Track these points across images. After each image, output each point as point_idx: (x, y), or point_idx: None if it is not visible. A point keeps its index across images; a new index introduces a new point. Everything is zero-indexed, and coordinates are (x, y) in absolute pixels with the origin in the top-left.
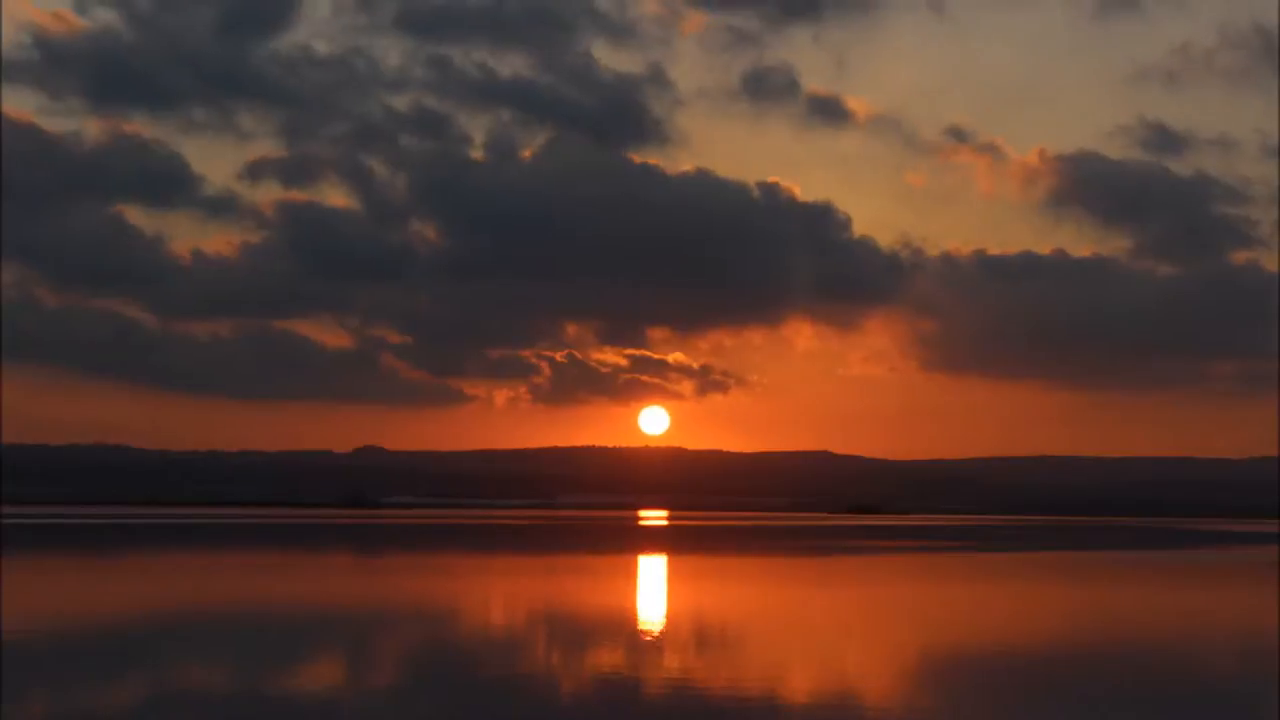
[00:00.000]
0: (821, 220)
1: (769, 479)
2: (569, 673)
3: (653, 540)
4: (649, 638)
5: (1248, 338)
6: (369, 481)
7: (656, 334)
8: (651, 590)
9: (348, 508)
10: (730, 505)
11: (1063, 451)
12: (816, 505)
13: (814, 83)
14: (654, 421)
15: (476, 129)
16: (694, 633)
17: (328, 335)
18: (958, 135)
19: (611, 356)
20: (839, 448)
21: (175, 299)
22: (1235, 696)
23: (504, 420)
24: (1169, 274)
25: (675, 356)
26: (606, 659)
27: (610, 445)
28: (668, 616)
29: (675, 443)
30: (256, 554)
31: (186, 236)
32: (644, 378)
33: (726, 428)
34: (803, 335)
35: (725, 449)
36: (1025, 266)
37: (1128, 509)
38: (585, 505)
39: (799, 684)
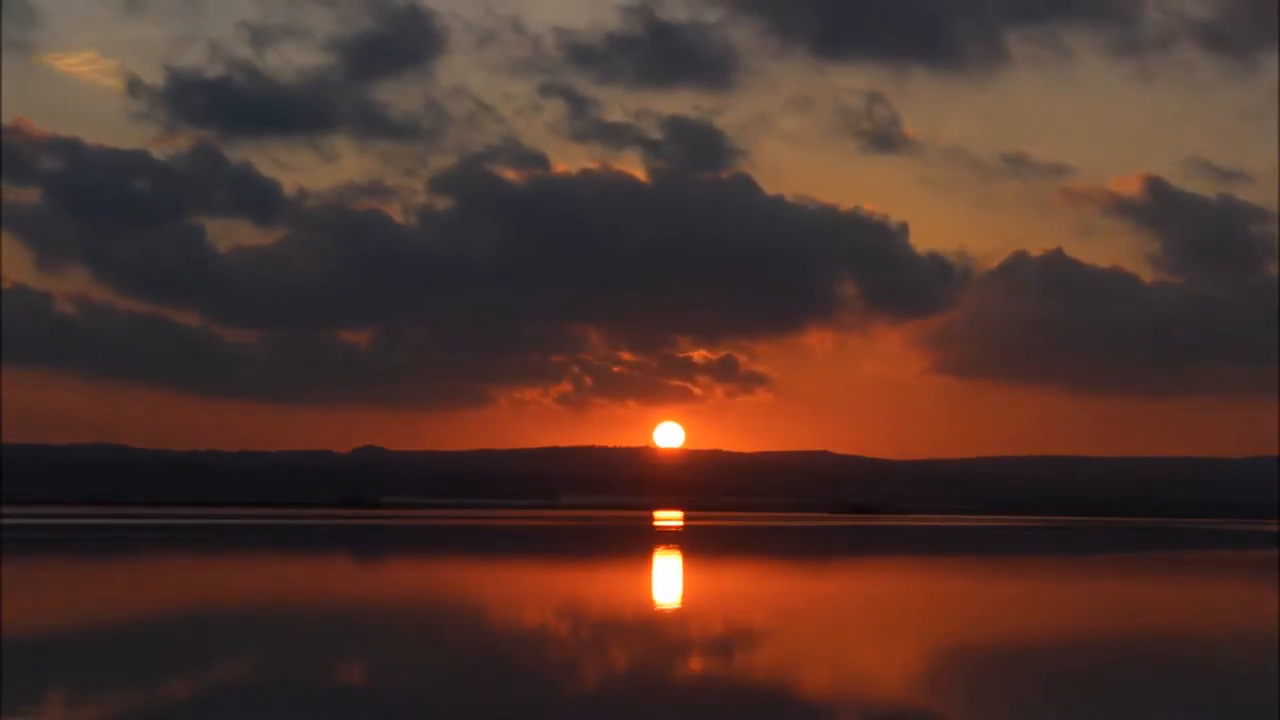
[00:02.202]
0: (853, 228)
1: (769, 479)
2: (586, 674)
3: (655, 541)
4: (661, 643)
5: (1253, 341)
6: (368, 481)
7: (666, 339)
8: (657, 594)
9: (347, 508)
10: (730, 505)
11: (1063, 451)
12: (816, 505)
13: (908, 123)
14: (657, 422)
15: (563, 161)
16: (706, 636)
17: (344, 339)
18: (1018, 160)
19: (621, 356)
20: (839, 447)
21: (208, 305)
22: (1237, 695)
23: (505, 420)
24: (1185, 284)
25: (686, 358)
26: (624, 662)
27: (611, 445)
28: (680, 621)
29: (678, 443)
30: (257, 555)
31: (239, 248)
32: (646, 379)
33: (731, 428)
34: (822, 339)
35: (726, 449)
36: (1050, 276)
37: (1128, 509)
38: (586, 505)
39: (820, 684)
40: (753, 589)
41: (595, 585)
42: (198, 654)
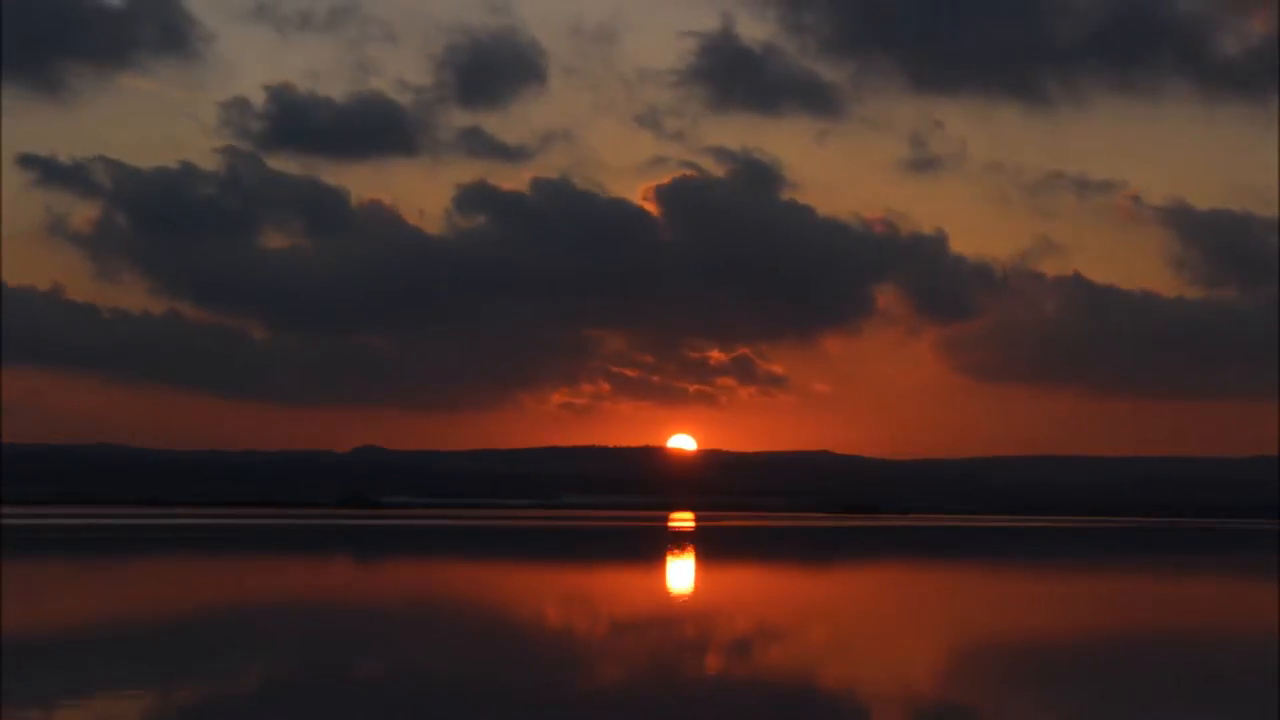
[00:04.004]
0: (877, 236)
1: (768, 478)
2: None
3: (658, 542)
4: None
5: (1257, 344)
6: (368, 481)
7: (675, 342)
8: (660, 594)
9: (347, 507)
10: (732, 505)
11: (1064, 451)
12: (815, 505)
13: (956, 144)
14: (660, 423)
15: (613, 185)
16: (716, 638)
17: (350, 341)
18: (1059, 176)
19: (628, 358)
20: (839, 447)
21: (218, 306)
22: (1238, 694)
23: (507, 421)
24: (1196, 292)
25: (693, 362)
26: (633, 663)
27: (612, 445)
28: (685, 622)
29: (680, 444)
30: (257, 555)
31: (255, 251)
32: (650, 381)
33: (736, 429)
34: (834, 342)
35: (729, 449)
36: (1064, 285)
37: (1129, 509)
38: (586, 505)
39: (841, 683)
40: (760, 590)
41: (596, 585)
42: (198, 654)
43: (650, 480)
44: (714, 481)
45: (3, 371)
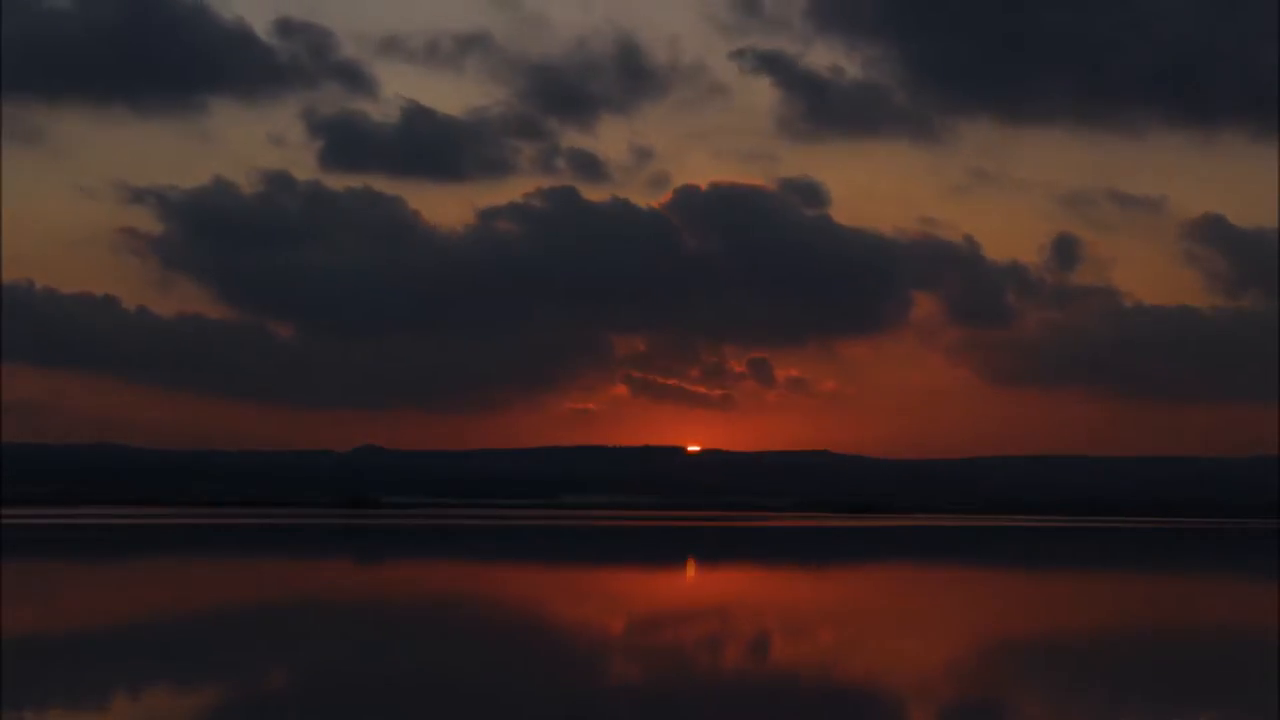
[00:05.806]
0: (892, 243)
1: (768, 478)
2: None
3: (660, 542)
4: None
5: (1259, 349)
6: (368, 481)
7: (677, 343)
8: (666, 595)
9: (347, 507)
10: (728, 505)
11: (1064, 451)
12: (817, 505)
13: (1003, 162)
14: (660, 423)
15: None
16: (717, 640)
17: (354, 341)
18: (1087, 194)
19: (628, 358)
20: (839, 447)
21: (217, 306)
22: (1238, 694)
23: (506, 420)
24: (1219, 304)
25: (690, 363)
26: (639, 664)
27: (611, 444)
28: (686, 624)
29: (678, 442)
30: (257, 555)
31: (257, 252)
32: (656, 379)
33: (732, 428)
34: (838, 345)
35: (724, 448)
36: (1068, 291)
37: (1128, 509)
38: (586, 505)
39: (855, 684)
40: (761, 590)
41: (595, 585)
42: (197, 654)
43: (654, 480)
44: (715, 481)
45: (3, 371)
